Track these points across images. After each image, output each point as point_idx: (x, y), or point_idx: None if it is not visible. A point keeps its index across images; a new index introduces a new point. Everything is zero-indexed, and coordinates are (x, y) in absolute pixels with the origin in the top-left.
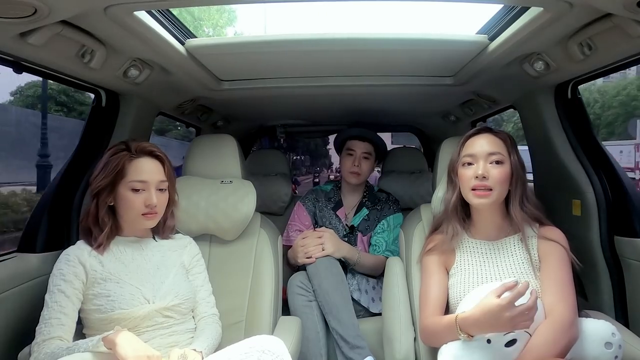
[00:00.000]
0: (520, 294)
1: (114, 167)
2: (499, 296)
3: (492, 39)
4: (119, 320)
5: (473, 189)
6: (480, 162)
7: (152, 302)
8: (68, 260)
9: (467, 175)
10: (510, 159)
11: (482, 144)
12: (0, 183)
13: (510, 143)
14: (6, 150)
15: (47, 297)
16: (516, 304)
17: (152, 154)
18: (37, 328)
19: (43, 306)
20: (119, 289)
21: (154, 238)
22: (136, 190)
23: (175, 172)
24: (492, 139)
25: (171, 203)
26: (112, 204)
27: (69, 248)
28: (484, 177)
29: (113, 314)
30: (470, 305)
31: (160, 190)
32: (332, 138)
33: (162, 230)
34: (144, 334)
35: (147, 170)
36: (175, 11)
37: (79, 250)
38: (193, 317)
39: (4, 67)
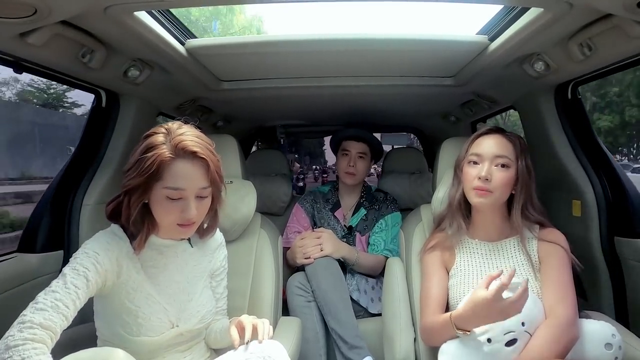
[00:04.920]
0: (505, 285)
1: (147, 167)
2: (487, 288)
3: (492, 39)
4: (141, 345)
5: (475, 188)
6: (486, 163)
7: (176, 324)
8: (107, 250)
9: (471, 174)
10: (517, 163)
11: (490, 145)
12: None
13: (520, 147)
14: None
15: (67, 271)
16: (504, 296)
17: (195, 155)
18: (38, 298)
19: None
20: (147, 308)
21: (189, 241)
22: (172, 198)
23: None
24: (501, 140)
25: (216, 204)
26: (146, 201)
27: (110, 234)
28: (487, 179)
29: (138, 339)
30: None
31: (201, 197)
32: (327, 140)
33: (201, 233)
34: (160, 355)
35: (186, 176)
36: (175, 11)
37: (119, 248)
38: None
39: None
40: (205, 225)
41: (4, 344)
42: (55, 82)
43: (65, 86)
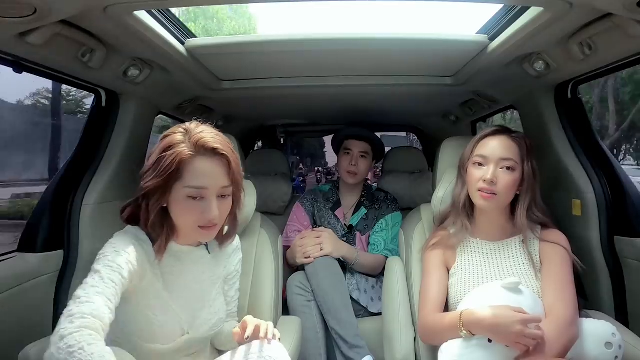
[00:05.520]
0: (539, 320)
1: (167, 166)
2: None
3: (492, 39)
4: (151, 352)
5: (479, 190)
6: (491, 166)
7: (187, 332)
8: (135, 252)
9: (476, 176)
10: (522, 165)
11: (495, 147)
12: None
13: (527, 148)
14: None
15: (99, 267)
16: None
17: (215, 152)
18: (78, 293)
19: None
20: (163, 315)
21: (206, 247)
22: (193, 198)
23: None
24: (507, 142)
25: (236, 206)
26: (165, 205)
27: (133, 236)
28: (492, 182)
29: (149, 345)
30: (471, 304)
31: (223, 196)
32: (328, 141)
33: (221, 239)
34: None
35: (207, 174)
36: (175, 11)
37: (143, 251)
38: None
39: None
40: (225, 230)
41: (57, 335)
42: (74, 89)
43: (84, 92)
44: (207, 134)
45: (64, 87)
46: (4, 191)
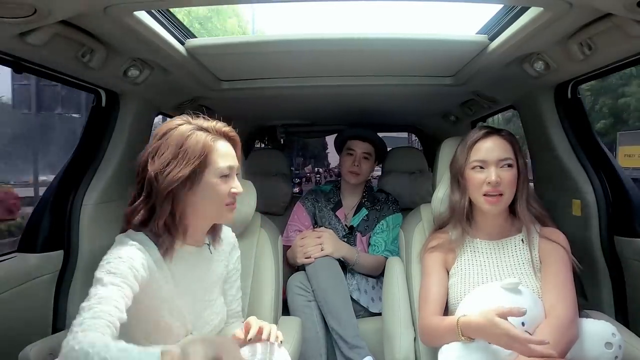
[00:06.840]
0: (532, 341)
1: (195, 154)
2: (501, 316)
3: (492, 39)
4: None
5: (485, 194)
6: (492, 168)
7: (190, 332)
8: (141, 257)
9: (479, 180)
10: (517, 161)
11: (492, 149)
12: None
13: (517, 144)
14: None
15: (102, 275)
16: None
17: (229, 136)
18: (82, 306)
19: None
20: (170, 317)
21: (208, 247)
22: (223, 177)
23: None
24: (500, 142)
25: None
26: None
27: (137, 241)
28: (498, 182)
29: (155, 345)
30: (470, 305)
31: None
32: (330, 143)
33: (214, 233)
34: None
35: (230, 155)
36: (175, 11)
37: (149, 256)
38: None
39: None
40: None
41: (67, 347)
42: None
43: None
44: (218, 122)
45: None
46: None
